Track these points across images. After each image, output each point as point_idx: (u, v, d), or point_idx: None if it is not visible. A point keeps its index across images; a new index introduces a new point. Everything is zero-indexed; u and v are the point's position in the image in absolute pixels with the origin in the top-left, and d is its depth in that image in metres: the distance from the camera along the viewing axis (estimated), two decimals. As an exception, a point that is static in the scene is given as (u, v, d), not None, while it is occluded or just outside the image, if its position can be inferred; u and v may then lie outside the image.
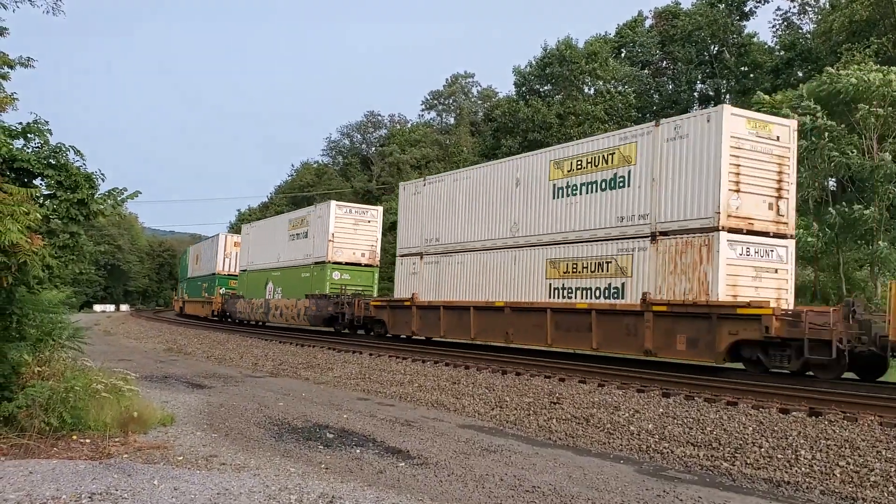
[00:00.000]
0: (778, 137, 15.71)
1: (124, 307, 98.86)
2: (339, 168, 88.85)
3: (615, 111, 49.41)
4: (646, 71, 57.91)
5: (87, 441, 8.68)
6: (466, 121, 77.59)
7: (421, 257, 24.54)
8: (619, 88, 52.49)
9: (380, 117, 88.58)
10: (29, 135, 9.57)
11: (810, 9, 50.53)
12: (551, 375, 15.98)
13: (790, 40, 45.98)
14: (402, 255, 25.60)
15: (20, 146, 9.50)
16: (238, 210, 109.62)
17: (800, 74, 43.73)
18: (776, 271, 15.62)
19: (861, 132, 30.00)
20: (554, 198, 19.21)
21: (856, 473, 8.36)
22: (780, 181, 15.62)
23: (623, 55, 58.03)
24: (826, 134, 29.27)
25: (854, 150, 29.83)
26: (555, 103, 49.10)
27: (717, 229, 14.73)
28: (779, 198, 15.62)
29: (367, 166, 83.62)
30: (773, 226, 15.52)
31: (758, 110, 35.17)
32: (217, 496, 6.42)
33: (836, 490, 7.95)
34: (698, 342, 15.00)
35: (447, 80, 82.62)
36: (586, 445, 10.39)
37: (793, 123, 16.33)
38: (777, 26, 51.31)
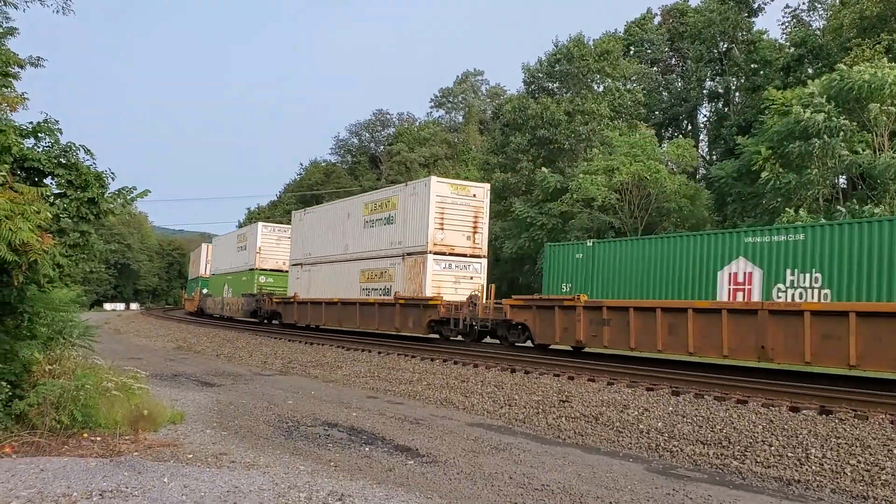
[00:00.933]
0: (474, 195, 24.65)
1: (134, 306, 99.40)
2: (347, 167, 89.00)
3: (624, 109, 49.24)
4: (655, 68, 57.70)
5: (98, 439, 8.72)
6: (475, 119, 77.55)
7: (301, 266, 33.49)
8: (629, 86, 52.32)
9: (388, 116, 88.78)
10: (39, 134, 9.61)
11: (820, 5, 50.22)
12: (560, 374, 15.96)
13: (800, 37, 45.66)
14: (292, 265, 34.87)
15: (31, 145, 9.54)
16: (247, 209, 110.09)
17: (810, 71, 43.44)
18: (471, 278, 24.36)
19: (872, 129, 29.81)
20: (364, 227, 28.22)
21: (867, 472, 8.31)
22: (475, 222, 24.54)
23: (632, 53, 57.83)
24: (840, 133, 29.12)
25: (865, 148, 29.65)
26: (564, 101, 48.97)
27: (426, 252, 23.78)
28: (474, 232, 24.54)
29: (376, 165, 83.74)
30: (469, 249, 24.44)
31: (766, 108, 35.23)
32: (227, 494, 6.44)
33: (847, 489, 7.90)
34: (416, 320, 24.13)
35: (457, 77, 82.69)
36: (595, 444, 10.36)
37: (486, 186, 25.59)
38: (787, 23, 51.01)
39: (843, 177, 33.25)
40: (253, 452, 8.74)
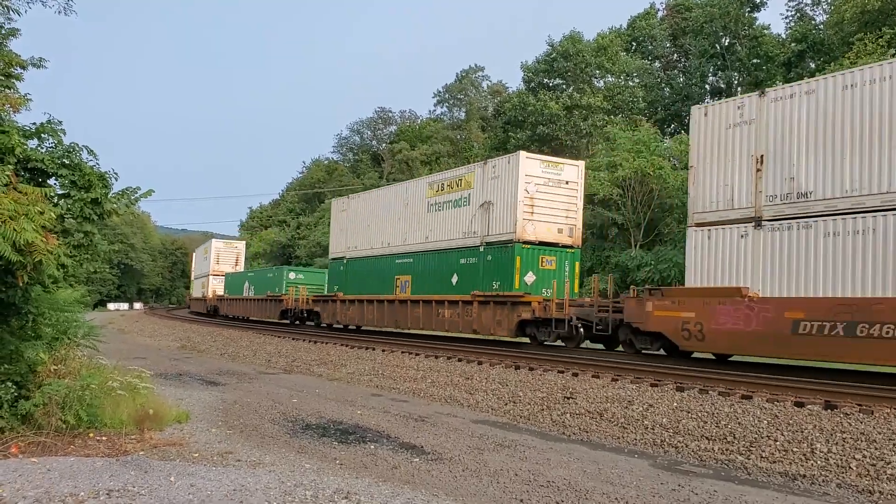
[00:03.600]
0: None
1: (138, 305, 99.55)
2: (349, 165, 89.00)
3: (624, 104, 49.18)
4: (657, 64, 57.60)
5: (104, 438, 8.74)
6: (476, 116, 77.48)
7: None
8: (629, 82, 52.27)
9: (390, 114, 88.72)
10: (43, 135, 9.61)
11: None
12: (564, 370, 15.95)
13: (801, 32, 45.56)
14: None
15: (34, 146, 9.55)
16: (249, 208, 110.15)
17: (812, 66, 43.36)
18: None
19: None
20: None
21: (872, 466, 8.31)
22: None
23: (634, 49, 57.75)
24: None
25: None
26: (563, 97, 48.95)
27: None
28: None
29: (378, 163, 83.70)
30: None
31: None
32: (233, 492, 6.45)
33: (853, 483, 7.90)
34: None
35: (458, 74, 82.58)
36: (600, 440, 10.37)
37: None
38: (790, 17, 50.88)
39: None
40: (258, 451, 8.76)
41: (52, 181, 9.60)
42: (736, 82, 51.86)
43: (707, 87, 54.78)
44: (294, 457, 8.52)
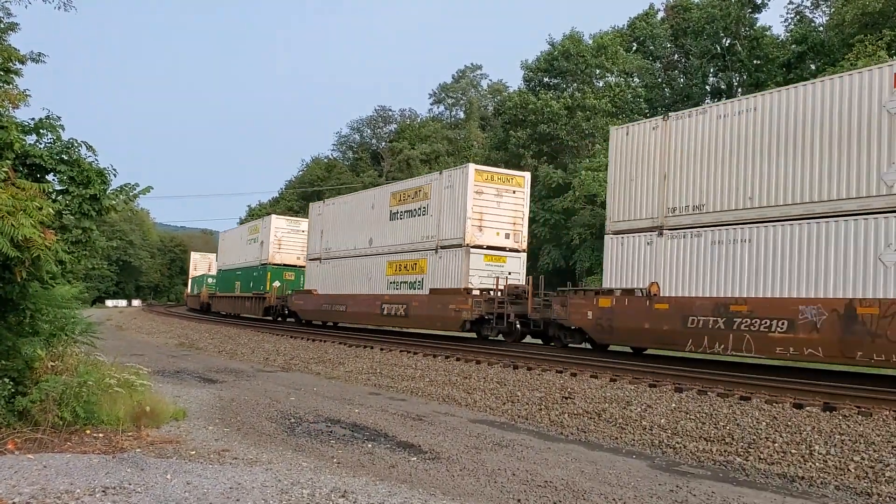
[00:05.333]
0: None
1: (136, 302, 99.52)
2: (349, 163, 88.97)
3: (625, 104, 49.17)
4: (657, 64, 57.59)
5: (100, 435, 8.72)
6: (476, 115, 77.46)
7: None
8: (629, 81, 52.24)
9: (390, 112, 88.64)
10: (41, 130, 9.58)
11: (823, 1, 50.09)
12: (563, 370, 15.94)
13: (801, 34, 45.57)
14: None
15: (33, 142, 9.52)
16: (248, 206, 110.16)
17: (812, 67, 43.35)
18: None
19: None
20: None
21: (871, 468, 8.29)
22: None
23: (635, 49, 57.73)
24: None
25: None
26: (564, 96, 48.93)
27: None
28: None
29: (378, 161, 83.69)
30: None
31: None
32: (230, 490, 6.43)
33: (851, 485, 7.88)
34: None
35: (455, 73, 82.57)
36: (598, 440, 10.35)
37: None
38: (790, 20, 50.88)
39: None
40: (255, 449, 8.73)
41: (50, 177, 9.58)
42: (737, 83, 51.87)
43: (707, 87, 54.81)
44: (291, 455, 8.49)
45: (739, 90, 51.53)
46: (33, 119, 9.64)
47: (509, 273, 22.96)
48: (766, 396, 12.10)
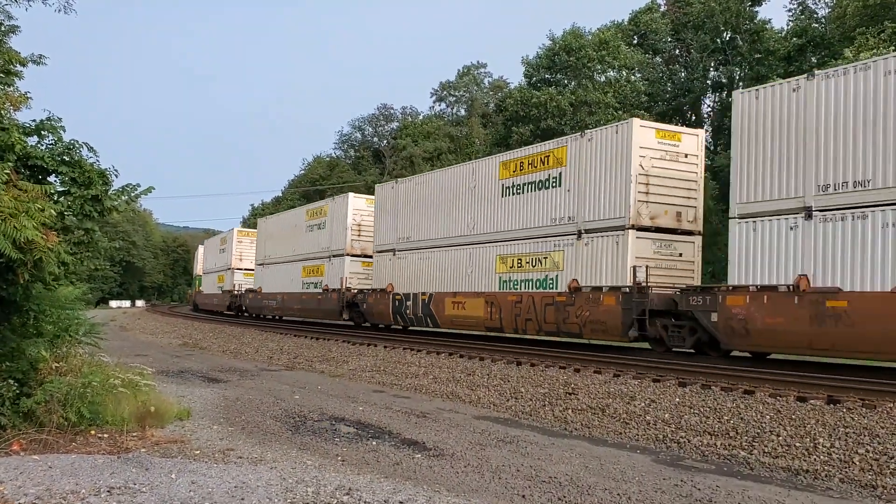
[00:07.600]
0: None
1: (140, 303, 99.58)
2: (351, 161, 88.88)
3: (627, 100, 49.07)
4: (658, 59, 57.45)
5: (105, 436, 8.74)
6: (478, 112, 77.37)
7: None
8: (630, 76, 52.14)
9: (392, 110, 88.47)
10: (43, 132, 9.59)
11: (824, -6, 49.92)
12: (566, 366, 15.94)
13: (801, 27, 45.43)
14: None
15: (34, 143, 9.53)
16: (251, 205, 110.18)
17: (814, 60, 43.20)
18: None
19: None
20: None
21: (875, 461, 8.29)
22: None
23: (637, 43, 57.59)
24: None
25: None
26: (566, 92, 48.86)
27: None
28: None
29: (380, 159, 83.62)
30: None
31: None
32: (234, 489, 6.44)
33: (856, 478, 7.88)
34: None
35: (459, 70, 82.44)
36: (602, 436, 10.35)
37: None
38: (793, 10, 50.70)
39: None
40: (260, 448, 8.75)
41: (52, 178, 9.59)
42: (738, 77, 51.74)
43: (709, 81, 54.68)
44: (296, 453, 8.51)
45: (741, 84, 51.40)
46: (34, 121, 9.66)
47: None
48: (769, 390, 12.08)
